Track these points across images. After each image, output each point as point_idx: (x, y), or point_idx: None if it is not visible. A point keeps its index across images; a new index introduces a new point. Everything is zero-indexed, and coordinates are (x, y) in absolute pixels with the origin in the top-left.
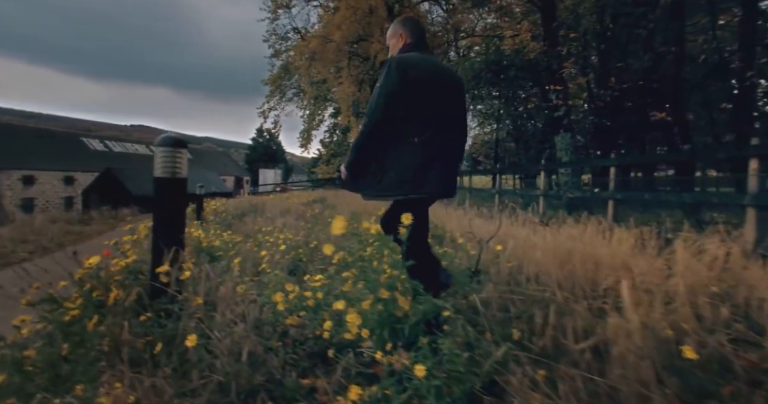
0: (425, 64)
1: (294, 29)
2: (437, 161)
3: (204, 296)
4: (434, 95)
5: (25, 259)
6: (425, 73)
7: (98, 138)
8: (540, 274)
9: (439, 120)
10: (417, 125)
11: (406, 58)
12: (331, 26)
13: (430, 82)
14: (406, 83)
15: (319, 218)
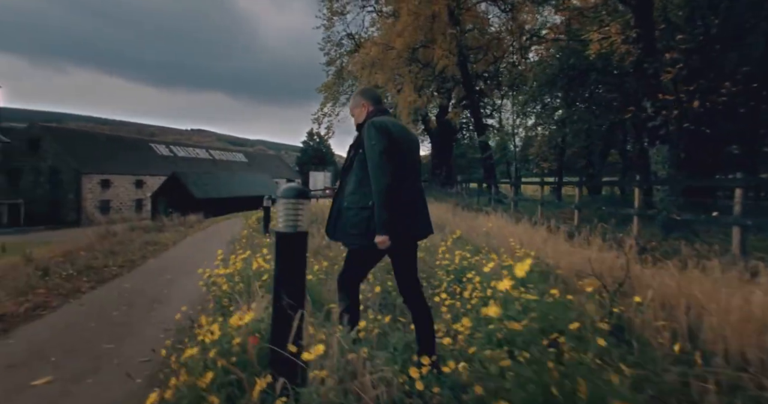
0: (397, 126)
1: (348, 35)
2: (418, 205)
3: (338, 376)
4: (408, 152)
5: (116, 275)
6: (400, 134)
7: (164, 144)
8: (709, 336)
9: (414, 172)
10: (401, 177)
11: (383, 122)
12: (392, 34)
13: (404, 141)
14: (392, 142)
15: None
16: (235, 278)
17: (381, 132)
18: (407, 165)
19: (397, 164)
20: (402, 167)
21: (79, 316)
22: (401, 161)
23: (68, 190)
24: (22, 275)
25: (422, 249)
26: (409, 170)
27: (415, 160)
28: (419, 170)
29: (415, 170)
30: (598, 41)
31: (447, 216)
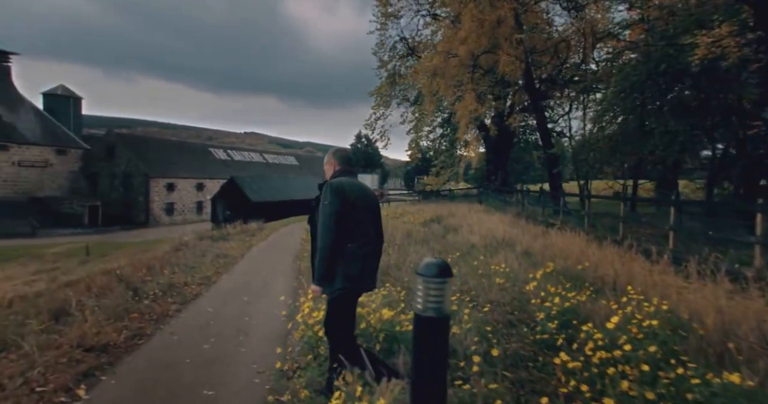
0: (355, 187)
1: (401, 39)
2: (374, 261)
3: None
4: (365, 210)
5: (196, 295)
6: (356, 194)
7: (222, 148)
8: None
9: (368, 231)
10: (356, 236)
11: (340, 183)
12: (454, 41)
13: (360, 201)
14: (345, 204)
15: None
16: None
17: (336, 194)
18: (364, 223)
19: (350, 223)
20: (358, 224)
21: (173, 349)
22: (358, 218)
23: (138, 193)
24: (116, 295)
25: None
26: (365, 227)
27: (374, 217)
28: (378, 224)
29: (373, 225)
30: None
31: (513, 232)
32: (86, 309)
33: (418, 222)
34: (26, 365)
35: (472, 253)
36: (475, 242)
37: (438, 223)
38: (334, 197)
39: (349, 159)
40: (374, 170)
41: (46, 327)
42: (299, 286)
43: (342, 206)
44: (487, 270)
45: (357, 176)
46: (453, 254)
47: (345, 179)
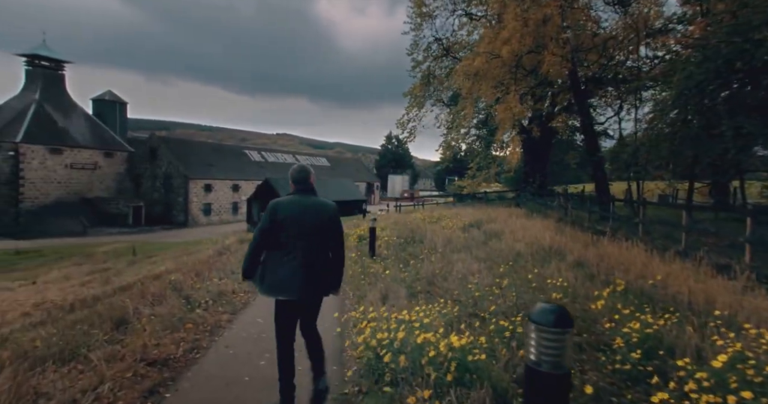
0: (292, 205)
1: (436, 39)
2: (299, 271)
3: None
4: (297, 229)
5: (245, 303)
6: (290, 213)
7: (257, 150)
8: None
9: (300, 244)
10: (283, 249)
11: (276, 203)
12: (496, 41)
13: (294, 219)
14: (273, 222)
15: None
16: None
17: (268, 212)
18: (294, 237)
19: (275, 237)
20: (285, 238)
21: (231, 365)
22: (287, 235)
23: (178, 194)
24: (170, 304)
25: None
26: (296, 240)
27: (309, 230)
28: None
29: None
30: None
31: (561, 239)
32: (143, 317)
33: (456, 227)
34: (96, 379)
35: (518, 262)
36: (521, 250)
37: (478, 228)
38: (267, 214)
39: (297, 178)
40: (405, 171)
41: (109, 337)
42: (344, 296)
43: (270, 223)
44: (542, 283)
45: (310, 191)
46: (498, 262)
47: (288, 197)
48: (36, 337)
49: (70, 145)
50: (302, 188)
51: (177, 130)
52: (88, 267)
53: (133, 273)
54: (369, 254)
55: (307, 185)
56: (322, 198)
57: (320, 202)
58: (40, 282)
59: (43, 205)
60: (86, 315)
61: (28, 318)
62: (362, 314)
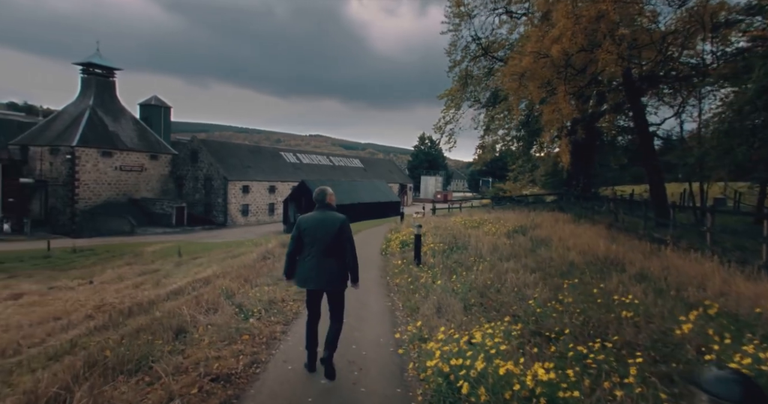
0: (311, 220)
1: (475, 39)
2: (316, 268)
3: None
4: (315, 235)
5: (296, 313)
6: (309, 226)
7: (292, 152)
8: None
9: (316, 248)
10: (306, 251)
11: (301, 219)
12: (545, 40)
13: (312, 230)
14: (298, 231)
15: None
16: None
17: (296, 225)
18: (311, 243)
19: (302, 243)
20: (306, 245)
21: (291, 383)
22: (306, 241)
23: (218, 195)
24: (225, 312)
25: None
26: (313, 246)
27: (323, 237)
28: (326, 245)
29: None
30: None
31: (617, 249)
32: (200, 326)
33: (500, 233)
34: (164, 394)
35: (572, 273)
36: (574, 259)
37: (523, 234)
38: (295, 227)
39: (317, 199)
40: (438, 172)
41: (171, 348)
42: (395, 307)
43: (296, 233)
44: (607, 299)
45: (326, 208)
46: (552, 273)
47: (310, 214)
48: (101, 342)
49: (119, 148)
50: (321, 206)
51: (215, 132)
52: (139, 268)
53: (182, 275)
54: (415, 262)
55: (324, 204)
56: (334, 213)
57: (332, 216)
58: (96, 282)
59: (96, 205)
60: (147, 322)
61: (91, 321)
62: (418, 329)
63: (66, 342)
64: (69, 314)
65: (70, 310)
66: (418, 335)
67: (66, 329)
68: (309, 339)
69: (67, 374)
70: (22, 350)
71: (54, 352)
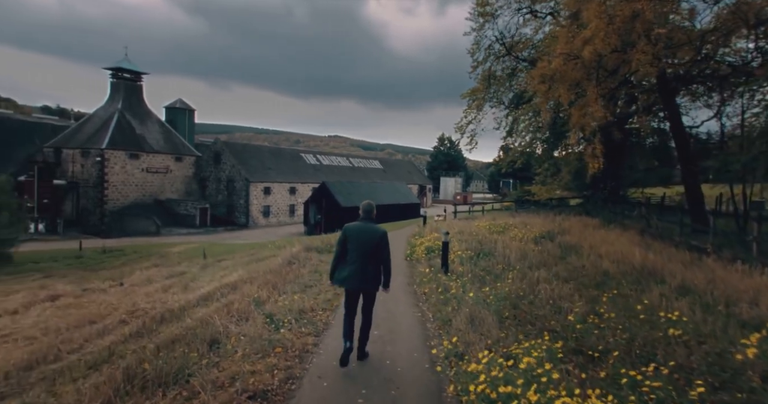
0: (356, 229)
1: (498, 39)
2: (357, 271)
3: None
4: (356, 241)
5: (326, 324)
6: (353, 233)
7: (312, 153)
8: None
9: (358, 254)
10: (346, 257)
11: (347, 227)
12: (576, 41)
13: (355, 238)
14: (344, 238)
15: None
16: None
17: (342, 232)
18: (354, 249)
19: (344, 248)
20: (350, 250)
21: (328, 400)
22: (350, 247)
23: (239, 196)
24: (255, 322)
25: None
26: (355, 252)
27: (364, 245)
28: (366, 251)
29: (360, 249)
30: None
31: (654, 258)
32: (233, 336)
33: (527, 239)
34: None
35: (607, 283)
36: (608, 268)
37: (551, 240)
38: (341, 234)
39: (364, 211)
40: (457, 173)
41: (207, 361)
42: (425, 318)
43: (343, 239)
44: (650, 314)
45: (370, 220)
46: (586, 283)
47: (355, 223)
48: (138, 352)
49: (146, 150)
50: (365, 218)
51: (236, 133)
52: (166, 270)
53: (208, 278)
54: (442, 269)
55: (369, 216)
56: (376, 225)
57: (374, 228)
58: (126, 284)
59: (123, 206)
60: (181, 331)
61: (125, 326)
62: (453, 344)
63: (103, 349)
64: (103, 317)
65: (104, 314)
66: (453, 350)
67: (102, 334)
68: (346, 333)
69: (109, 387)
70: (62, 355)
71: (93, 360)
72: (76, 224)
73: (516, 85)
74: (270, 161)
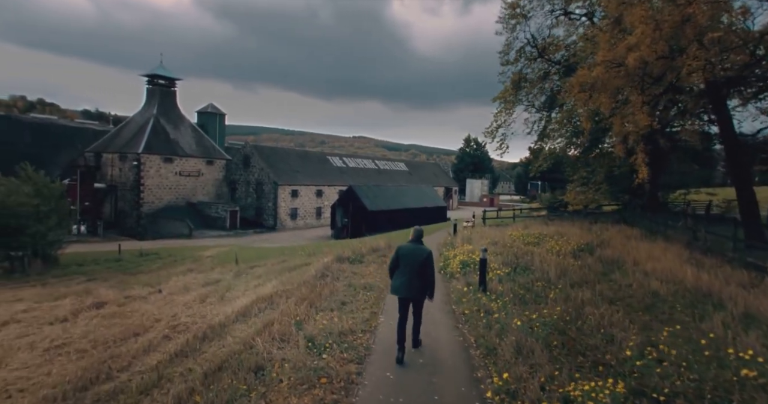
0: (406, 250)
1: (530, 41)
2: (406, 283)
3: None
4: (406, 260)
5: (367, 349)
6: (405, 253)
7: (338, 156)
8: None
9: (407, 269)
10: (399, 269)
11: (399, 246)
12: (619, 48)
13: (406, 256)
14: (397, 257)
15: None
16: None
17: (395, 251)
18: (405, 266)
19: (397, 265)
20: (401, 266)
21: None
22: (401, 263)
23: (268, 199)
24: (296, 345)
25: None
26: (405, 267)
27: (413, 263)
28: (414, 268)
29: (409, 266)
30: None
31: (707, 278)
32: (276, 363)
33: (565, 252)
34: None
35: (658, 307)
36: (657, 289)
37: (590, 254)
38: (394, 254)
39: (415, 235)
40: (484, 175)
41: (255, 394)
42: (467, 343)
43: (395, 256)
44: (716, 349)
45: (419, 242)
46: (635, 306)
47: (407, 244)
48: (184, 375)
49: (179, 154)
50: (415, 239)
51: (263, 134)
52: (201, 277)
53: (243, 288)
54: (480, 288)
55: (419, 239)
56: (424, 246)
57: (422, 248)
58: (165, 291)
59: (158, 208)
60: (225, 356)
61: (169, 343)
62: (505, 381)
63: (151, 369)
64: (147, 330)
65: (147, 325)
66: (504, 387)
67: (147, 351)
68: (400, 334)
69: None
70: (113, 374)
71: (143, 384)
72: (114, 226)
73: (548, 88)
74: (297, 163)
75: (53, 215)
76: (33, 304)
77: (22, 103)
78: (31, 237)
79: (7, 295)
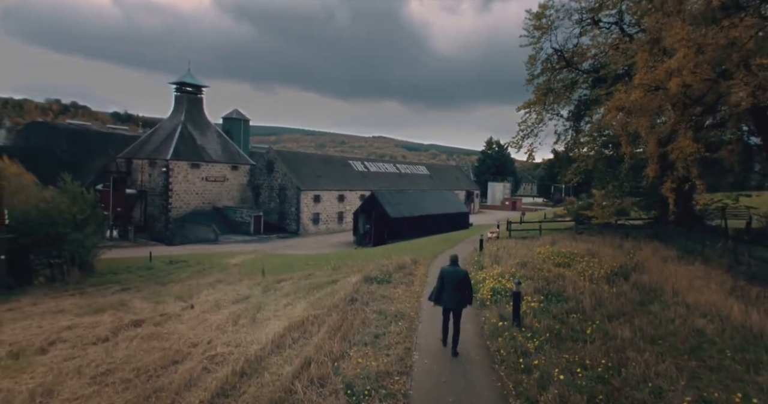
0: (449, 272)
1: (557, 51)
2: (447, 297)
3: None
4: (449, 279)
5: (407, 396)
6: (447, 274)
7: (360, 160)
8: None
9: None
10: (443, 288)
11: (443, 269)
12: (659, 71)
13: (446, 278)
14: (441, 277)
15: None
16: None
17: (439, 275)
18: (447, 284)
19: (441, 284)
20: (445, 284)
21: None
22: (445, 283)
23: (291, 204)
24: (335, 393)
25: None
26: (448, 285)
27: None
28: (457, 285)
29: (452, 284)
30: None
31: (757, 315)
32: None
33: (598, 276)
34: None
35: (704, 349)
36: (701, 327)
37: (625, 279)
38: (439, 275)
39: (453, 260)
40: (506, 178)
41: None
42: (507, 391)
43: (441, 275)
44: None
45: (456, 265)
46: (679, 348)
47: (448, 267)
48: None
49: (206, 160)
50: (454, 264)
51: (284, 134)
52: (231, 291)
53: (273, 308)
54: (514, 323)
55: (455, 263)
56: (460, 268)
57: (460, 270)
58: (197, 307)
59: (185, 213)
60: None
61: (208, 377)
62: None
63: None
64: (184, 356)
65: (184, 351)
66: None
67: (189, 386)
68: (444, 333)
69: None
70: None
71: None
72: (144, 230)
73: (575, 98)
74: (320, 168)
75: (90, 222)
76: (74, 317)
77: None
78: (70, 244)
79: (50, 305)
